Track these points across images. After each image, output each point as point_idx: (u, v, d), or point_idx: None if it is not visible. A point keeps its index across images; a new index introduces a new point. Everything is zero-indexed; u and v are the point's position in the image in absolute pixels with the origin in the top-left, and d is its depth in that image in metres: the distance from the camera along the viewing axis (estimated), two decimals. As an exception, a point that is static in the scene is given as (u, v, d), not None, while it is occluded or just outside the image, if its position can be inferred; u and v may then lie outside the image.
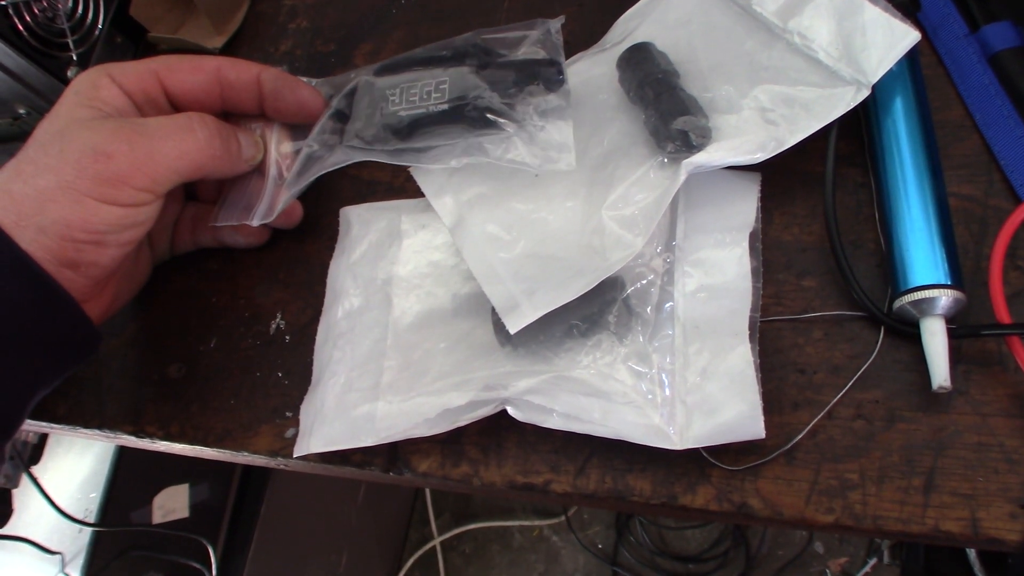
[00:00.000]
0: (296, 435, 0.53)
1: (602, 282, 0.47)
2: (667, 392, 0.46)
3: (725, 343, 0.46)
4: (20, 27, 0.59)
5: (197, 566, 1.08)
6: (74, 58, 0.62)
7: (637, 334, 0.47)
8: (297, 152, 0.57)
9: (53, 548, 1.00)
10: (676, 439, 0.44)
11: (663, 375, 0.46)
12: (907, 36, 0.46)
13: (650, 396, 0.46)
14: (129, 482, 1.07)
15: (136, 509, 1.10)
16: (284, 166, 0.57)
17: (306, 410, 0.52)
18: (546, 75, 0.53)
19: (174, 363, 0.58)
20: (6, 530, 0.95)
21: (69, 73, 0.62)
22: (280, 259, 0.59)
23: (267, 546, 1.18)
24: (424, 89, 0.53)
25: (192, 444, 0.56)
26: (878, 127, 0.48)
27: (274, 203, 0.56)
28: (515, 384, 0.47)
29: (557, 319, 0.48)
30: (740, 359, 0.45)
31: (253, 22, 0.68)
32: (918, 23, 0.52)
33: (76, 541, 1.02)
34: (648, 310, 0.48)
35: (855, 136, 0.51)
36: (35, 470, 0.97)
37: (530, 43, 0.55)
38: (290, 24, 0.67)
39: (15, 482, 0.92)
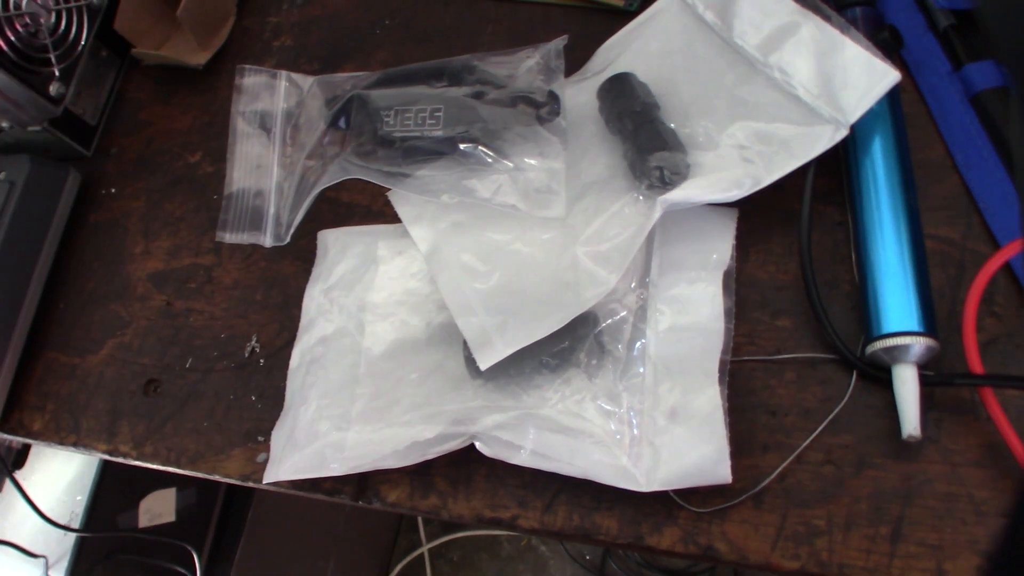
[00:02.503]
0: (267, 460, 0.52)
1: (575, 318, 0.47)
2: (635, 432, 0.45)
3: (695, 384, 0.45)
4: (1, 44, 0.58)
5: (182, 571, 1.08)
6: (56, 73, 0.62)
7: (608, 372, 0.47)
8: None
9: (37, 551, 1.00)
10: (642, 481, 0.44)
11: (632, 415, 0.46)
12: (887, 76, 0.46)
13: (618, 436, 0.45)
14: (116, 486, 1.06)
15: (122, 513, 1.10)
16: (283, 176, 0.57)
17: (277, 436, 0.52)
18: (543, 108, 0.52)
19: (149, 382, 0.58)
20: (-9, 529, 0.95)
21: (51, 88, 0.62)
22: (257, 280, 0.59)
23: (253, 552, 1.18)
24: (419, 114, 0.53)
25: (165, 465, 0.56)
26: (856, 166, 0.48)
27: (279, 218, 0.56)
28: (484, 419, 0.47)
29: (528, 354, 0.47)
30: (709, 402, 0.44)
31: (238, 38, 0.68)
32: (901, 59, 0.51)
33: (61, 544, 1.02)
34: (620, 347, 0.47)
35: (835, 173, 0.50)
36: (20, 474, 0.97)
37: (529, 68, 0.54)
38: (275, 42, 0.67)
39: (-1, 485, 0.92)
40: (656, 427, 0.45)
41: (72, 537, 1.02)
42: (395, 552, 1.49)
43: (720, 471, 0.43)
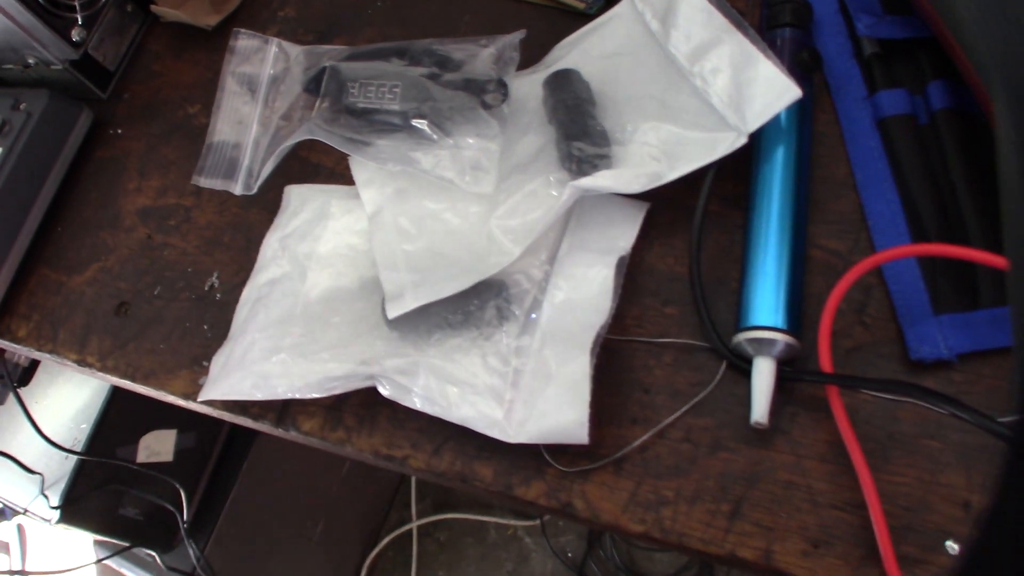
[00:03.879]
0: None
1: (484, 283, 0.52)
2: (515, 391, 0.50)
3: (571, 353, 0.49)
4: (31, -14, 0.66)
5: (171, 508, 1.14)
6: (79, 20, 0.69)
7: (503, 335, 0.51)
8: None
9: (36, 469, 1.06)
10: (511, 432, 0.48)
11: (515, 375, 0.50)
12: (789, 91, 0.49)
13: (499, 392, 0.50)
14: (120, 419, 1.12)
15: (122, 446, 1.16)
16: (260, 133, 0.63)
17: (216, 360, 0.58)
18: (490, 94, 0.57)
19: (121, 304, 0.64)
20: (-6, 445, 1.02)
21: (73, 33, 0.69)
22: (227, 224, 0.65)
23: (243, 503, 1.24)
24: (380, 89, 0.58)
25: (123, 378, 0.62)
26: (757, 173, 0.51)
27: (251, 171, 0.61)
28: (385, 362, 0.51)
29: (435, 311, 0.52)
30: (579, 369, 0.48)
31: (248, 5, 0.74)
32: (824, 82, 0.55)
33: (61, 466, 1.08)
34: (519, 314, 0.52)
35: (743, 178, 0.53)
36: (28, 394, 1.04)
37: (486, 56, 0.59)
38: (280, 12, 0.73)
39: (1, 399, 0.99)
40: (532, 387, 0.49)
41: (71, 461, 1.08)
42: (385, 525, 1.54)
43: (579, 432, 0.47)
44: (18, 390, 0.92)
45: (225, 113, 0.64)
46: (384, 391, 0.51)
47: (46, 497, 1.07)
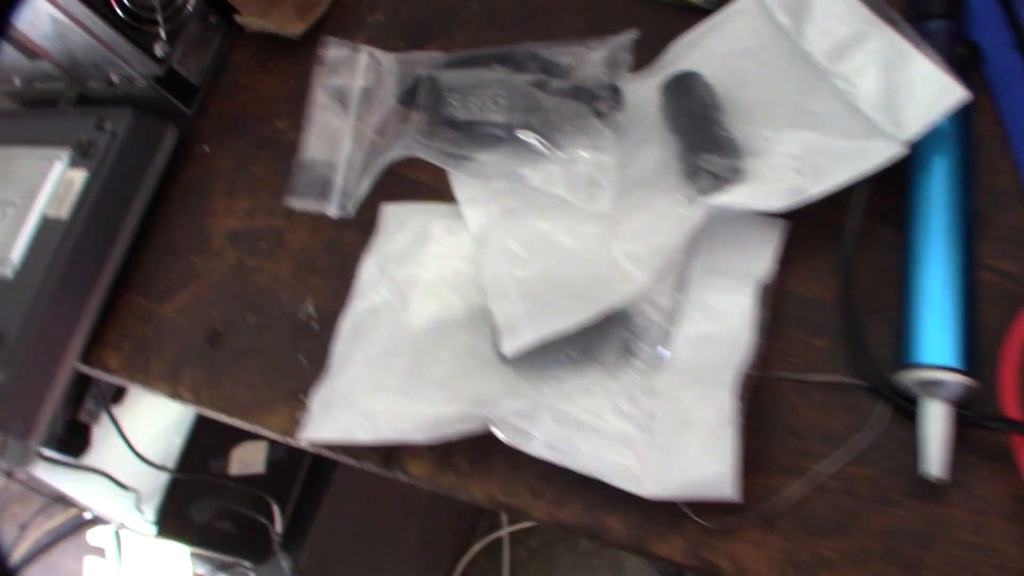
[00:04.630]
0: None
1: (604, 314, 0.47)
2: (648, 437, 0.45)
3: (712, 395, 0.44)
4: (113, 2, 0.62)
5: (264, 521, 1.13)
6: (162, 35, 0.66)
7: (630, 373, 0.47)
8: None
9: (130, 485, 1.06)
10: (648, 486, 0.44)
11: (648, 419, 0.45)
12: (953, 93, 0.43)
13: (631, 439, 0.45)
14: (211, 432, 1.11)
15: (214, 459, 1.16)
16: (354, 149, 0.59)
17: (318, 398, 0.54)
18: (603, 102, 0.52)
19: (214, 334, 0.61)
20: (88, 462, 1.02)
21: (157, 48, 0.66)
22: (321, 247, 0.61)
23: (334, 513, 1.22)
24: (482, 99, 0.53)
25: (217, 413, 0.59)
26: (914, 186, 0.45)
27: (346, 190, 0.58)
28: (502, 404, 0.47)
29: (554, 346, 0.48)
30: (722, 415, 0.43)
31: (335, 11, 0.70)
32: (982, 79, 0.48)
33: (154, 481, 1.08)
34: (646, 349, 0.47)
35: (898, 194, 0.47)
36: (121, 410, 1.03)
37: (596, 60, 0.54)
38: (368, 17, 0.68)
39: (96, 418, 0.98)
40: (669, 434, 0.44)
41: (164, 475, 1.08)
42: (476, 532, 1.51)
43: (726, 488, 0.42)
44: (112, 407, 0.90)
45: (316, 128, 0.60)
46: (502, 436, 0.47)
47: (141, 512, 1.07)
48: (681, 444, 0.44)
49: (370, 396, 0.52)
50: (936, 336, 0.42)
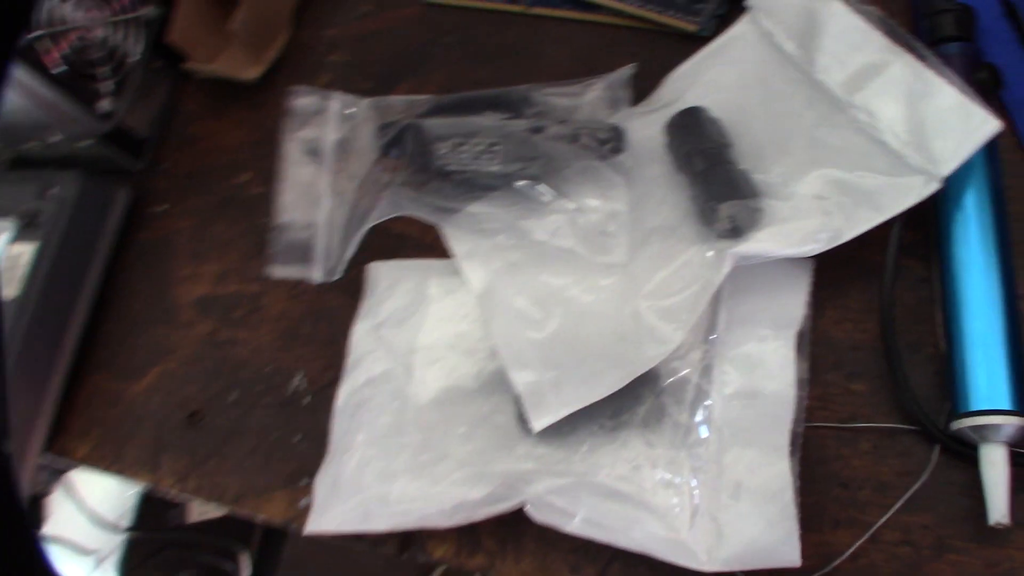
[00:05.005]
0: (308, 506, 0.50)
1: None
2: (697, 504, 0.42)
3: (763, 457, 0.42)
4: (50, 59, 0.57)
5: (230, 568, 1.08)
6: (107, 89, 0.61)
7: (668, 436, 0.44)
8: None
9: (88, 547, 1.00)
10: (704, 559, 0.41)
11: (694, 485, 0.43)
12: (986, 125, 0.42)
13: (678, 509, 0.42)
14: (167, 480, 1.07)
15: (172, 508, 1.11)
16: (334, 206, 0.55)
17: (321, 483, 0.50)
18: (607, 144, 0.49)
19: (193, 414, 0.57)
20: (45, 531, 0.96)
21: (102, 104, 0.60)
22: (304, 312, 0.57)
23: (301, 551, 1.17)
24: (476, 148, 0.50)
25: (208, 500, 0.55)
26: (945, 219, 0.44)
27: (330, 252, 0.54)
28: (536, 484, 0.44)
29: (583, 413, 0.45)
30: (778, 478, 0.41)
31: (292, 52, 0.66)
32: (999, 101, 0.47)
33: (113, 539, 1.03)
34: (682, 410, 0.44)
35: (919, 224, 0.46)
36: (72, 473, 0.97)
37: (594, 99, 0.51)
38: (330, 56, 0.64)
39: (49, 488, 0.93)
40: (719, 501, 0.42)
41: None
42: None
43: (788, 554, 0.40)
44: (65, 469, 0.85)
45: (290, 187, 0.55)
46: (537, 516, 0.44)
47: (101, 573, 1.02)
48: (736, 512, 0.42)
49: (384, 481, 0.48)
50: (989, 380, 0.40)
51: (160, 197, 0.65)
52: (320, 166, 0.56)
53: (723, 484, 0.42)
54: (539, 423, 0.44)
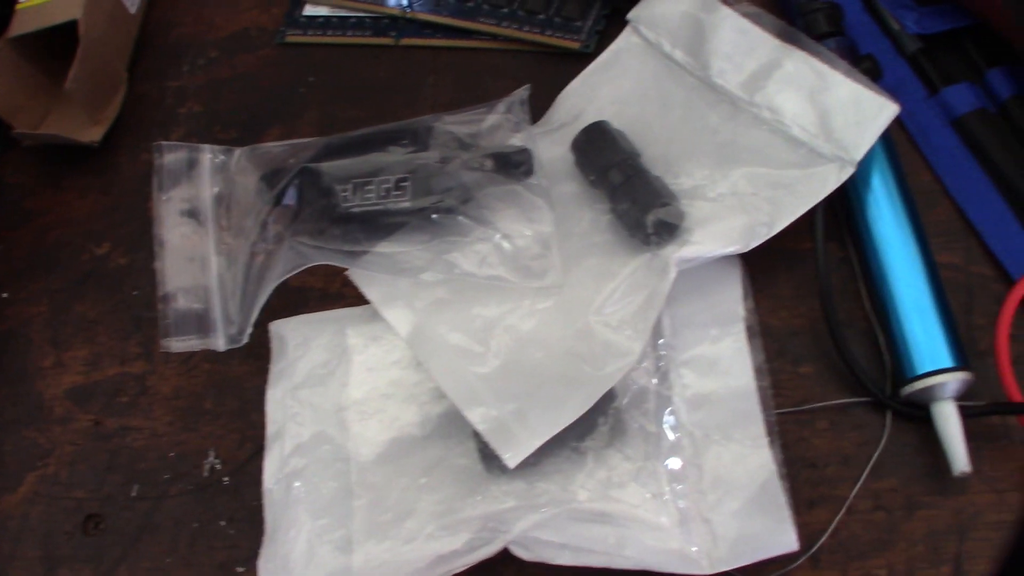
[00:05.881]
0: (254, 594, 0.46)
1: (593, 393, 0.44)
2: (684, 509, 0.42)
3: (742, 451, 0.43)
4: None
5: None
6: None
7: (641, 448, 0.44)
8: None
9: None
10: (705, 563, 0.41)
11: (677, 492, 0.43)
12: (886, 109, 0.45)
13: (666, 518, 0.42)
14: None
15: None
16: (224, 266, 0.50)
17: (265, 568, 0.45)
18: (520, 167, 0.48)
19: (88, 518, 0.50)
20: None
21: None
22: (203, 386, 0.52)
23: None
24: (383, 187, 0.48)
25: (126, 609, 0.48)
26: (858, 200, 0.47)
27: (229, 317, 0.49)
28: (518, 522, 0.42)
29: (553, 439, 0.43)
30: (761, 468, 0.42)
31: (134, 107, 0.60)
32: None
33: None
34: (648, 420, 0.44)
35: (827, 208, 0.49)
36: None
37: (495, 123, 0.50)
38: (180, 108, 0.59)
39: None
40: (707, 502, 0.42)
41: None
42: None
43: (785, 539, 0.41)
44: None
45: (171, 252, 0.50)
46: (525, 555, 0.42)
47: None
48: (726, 510, 0.42)
49: (340, 550, 0.44)
50: (928, 342, 0.43)
51: (0, 284, 0.57)
52: (201, 225, 0.52)
53: (707, 484, 0.43)
54: (513, 459, 0.42)
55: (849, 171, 0.45)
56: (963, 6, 0.49)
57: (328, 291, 0.53)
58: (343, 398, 0.48)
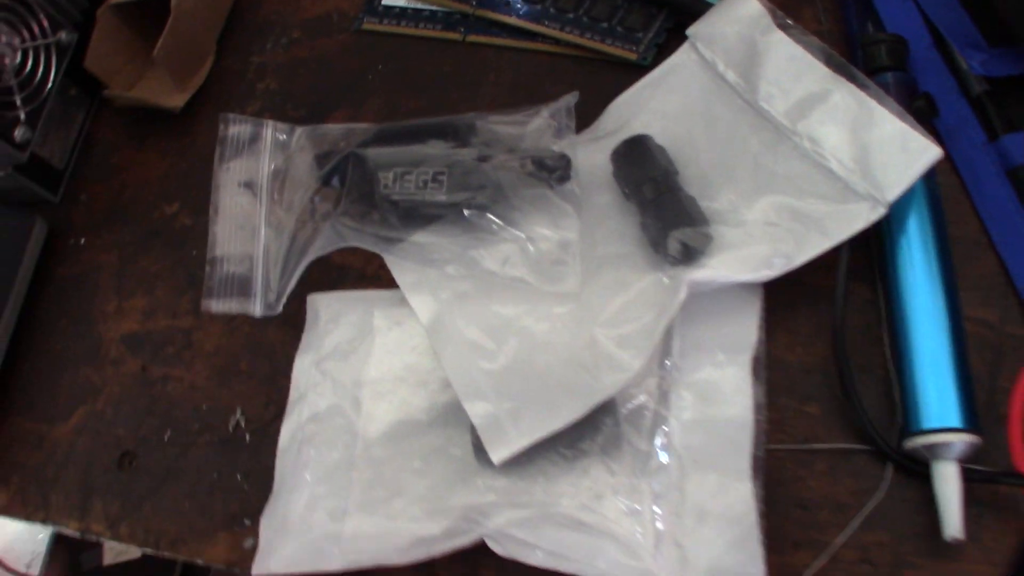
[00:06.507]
0: (254, 546, 0.48)
1: (592, 403, 0.44)
2: (660, 531, 0.42)
3: (725, 482, 0.42)
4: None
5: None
6: (21, 117, 0.57)
7: (628, 464, 0.44)
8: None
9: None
10: (669, 586, 0.41)
11: (656, 512, 0.43)
12: (928, 152, 0.43)
13: (641, 536, 0.42)
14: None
15: (86, 551, 1.05)
16: (271, 237, 0.53)
17: (267, 523, 0.48)
18: (555, 173, 0.49)
19: (124, 455, 0.54)
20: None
21: (16, 133, 0.57)
22: (241, 347, 0.55)
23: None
24: (421, 177, 0.49)
25: (143, 546, 0.52)
26: (890, 243, 0.45)
27: (269, 285, 0.52)
28: (496, 517, 0.43)
29: (544, 443, 0.44)
30: (741, 502, 0.42)
31: (219, 78, 0.64)
32: (933, 128, 0.49)
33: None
34: (641, 437, 0.44)
35: (862, 248, 0.47)
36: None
37: (538, 127, 0.51)
38: (258, 84, 0.63)
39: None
40: (683, 527, 0.42)
41: (34, 576, 0.97)
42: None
43: (754, 577, 0.40)
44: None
45: (224, 218, 0.54)
46: (499, 550, 0.43)
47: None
48: (699, 538, 0.42)
49: (335, 520, 0.46)
50: (939, 399, 0.42)
51: (79, 230, 0.62)
52: (255, 196, 0.54)
53: (686, 509, 0.42)
54: (499, 455, 0.43)
55: (881, 212, 0.43)
56: (1037, 52, 0.47)
57: (366, 272, 0.55)
58: (361, 375, 0.50)
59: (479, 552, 0.45)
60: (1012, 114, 0.48)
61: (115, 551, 1.06)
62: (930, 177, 0.46)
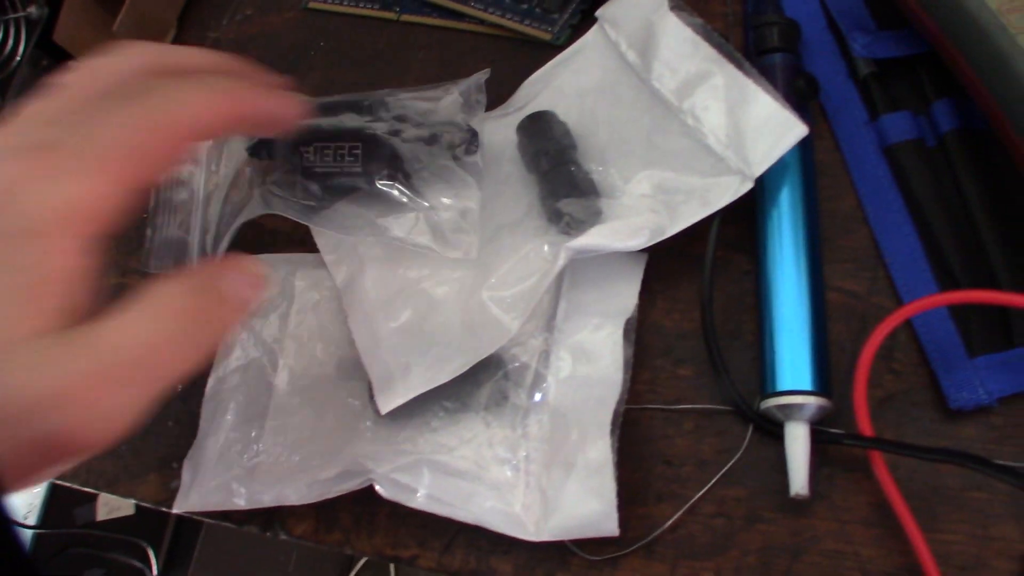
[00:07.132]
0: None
1: (480, 362, 0.47)
2: (530, 481, 0.46)
3: (588, 435, 0.45)
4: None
5: (139, 566, 1.09)
6: (-12, 90, 0.62)
7: (507, 418, 0.47)
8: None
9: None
10: (532, 530, 0.44)
11: (528, 463, 0.46)
12: (795, 129, 0.45)
13: (512, 484, 0.46)
14: (75, 477, 1.07)
15: (80, 505, 1.11)
16: (207, 204, 0.57)
17: (188, 465, 0.52)
18: (460, 146, 0.52)
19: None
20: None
21: (-16, 105, 0.62)
22: (180, 304, 0.59)
23: (212, 547, 1.18)
24: (338, 151, 0.53)
25: (84, 486, 0.57)
26: (761, 216, 0.48)
27: (205, 249, 0.56)
28: (382, 461, 0.47)
29: (429, 397, 0.48)
30: (600, 455, 0.44)
31: (175, 54, 0.68)
32: (820, 106, 0.51)
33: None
34: (521, 394, 0.47)
35: (744, 220, 0.50)
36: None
37: (450, 103, 0.54)
38: (211, 58, 0.66)
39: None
40: (549, 477, 0.45)
41: (28, 532, 1.03)
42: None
43: (607, 525, 0.43)
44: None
45: (165, 184, 0.58)
46: (384, 492, 0.47)
47: None
48: (563, 488, 0.45)
49: (244, 462, 0.51)
50: (792, 363, 0.44)
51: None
52: (197, 166, 0.58)
53: (555, 461, 0.46)
54: (386, 405, 0.47)
55: (748, 186, 0.46)
56: (918, 33, 0.48)
57: (294, 236, 0.58)
58: (281, 332, 0.54)
59: (375, 498, 0.48)
60: (897, 95, 0.50)
61: (108, 507, 1.12)
62: (807, 153, 0.48)
